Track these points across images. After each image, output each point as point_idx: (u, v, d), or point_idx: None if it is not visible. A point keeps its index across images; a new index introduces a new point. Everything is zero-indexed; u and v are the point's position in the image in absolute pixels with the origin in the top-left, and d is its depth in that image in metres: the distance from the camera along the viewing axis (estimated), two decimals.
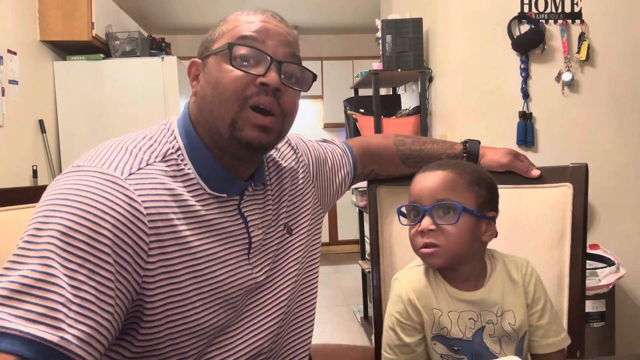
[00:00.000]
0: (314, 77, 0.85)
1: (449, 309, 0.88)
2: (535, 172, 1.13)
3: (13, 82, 2.75)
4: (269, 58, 0.78)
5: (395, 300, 0.90)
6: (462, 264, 0.88)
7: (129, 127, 0.82)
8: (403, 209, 0.91)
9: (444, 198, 0.86)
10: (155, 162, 0.76)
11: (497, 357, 0.85)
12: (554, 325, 0.90)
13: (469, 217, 0.86)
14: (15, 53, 2.78)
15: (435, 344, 0.88)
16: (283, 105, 0.79)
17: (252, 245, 0.85)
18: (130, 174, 0.72)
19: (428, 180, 0.88)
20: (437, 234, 0.85)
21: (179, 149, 0.79)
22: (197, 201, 0.78)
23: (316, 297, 0.99)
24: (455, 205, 0.85)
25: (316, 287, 0.99)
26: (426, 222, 0.85)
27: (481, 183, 0.89)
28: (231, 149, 0.79)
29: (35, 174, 2.95)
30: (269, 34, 0.79)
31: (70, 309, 0.61)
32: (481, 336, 0.87)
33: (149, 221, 0.70)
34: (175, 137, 0.81)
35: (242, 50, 0.78)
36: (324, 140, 1.13)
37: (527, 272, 0.91)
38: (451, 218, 0.85)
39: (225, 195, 0.81)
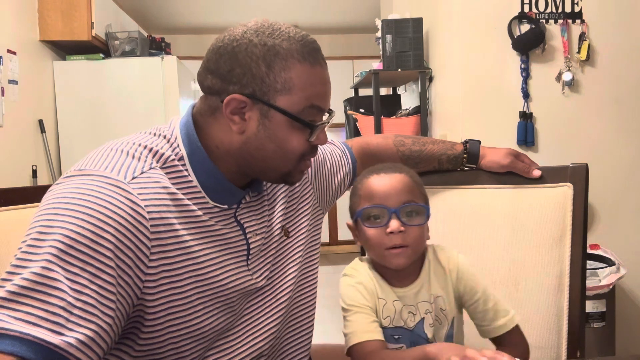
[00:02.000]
0: None
1: (393, 298, 0.90)
2: (536, 173, 1.13)
3: (13, 82, 2.75)
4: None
5: (348, 290, 0.90)
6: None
7: (129, 127, 0.82)
8: (367, 212, 0.89)
9: (410, 200, 0.88)
10: (157, 167, 0.76)
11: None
12: (501, 306, 0.92)
13: (425, 218, 0.90)
14: (15, 53, 2.78)
15: None
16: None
17: (251, 252, 0.85)
18: (133, 178, 0.71)
19: (390, 182, 0.89)
20: (405, 234, 0.86)
21: (182, 157, 0.79)
22: (198, 209, 0.78)
23: (315, 297, 0.99)
24: (424, 207, 0.89)
25: (315, 287, 0.99)
26: (396, 224, 0.86)
27: (422, 185, 0.94)
28: (259, 179, 0.86)
29: (35, 174, 2.95)
30: (330, 97, 0.84)
31: (71, 313, 0.61)
32: (422, 327, 0.90)
33: (151, 226, 0.70)
34: (178, 145, 0.80)
35: (324, 129, 0.83)
36: None
37: (453, 265, 0.93)
38: (418, 219, 0.89)
39: (226, 206, 0.82)
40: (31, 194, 1.01)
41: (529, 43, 2.23)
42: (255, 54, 0.75)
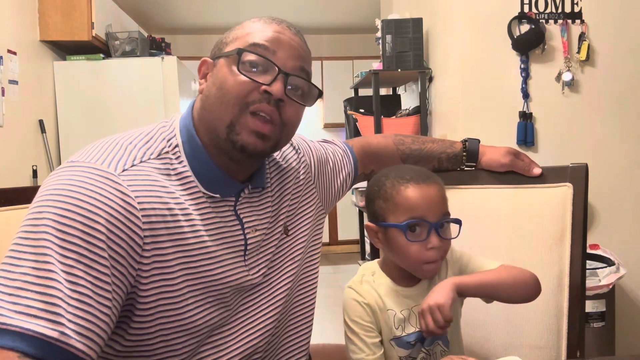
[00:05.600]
0: (320, 93, 0.85)
1: (400, 308, 0.91)
2: (537, 171, 1.13)
3: (13, 82, 2.75)
4: (276, 69, 0.78)
5: (351, 305, 0.91)
6: None
7: (129, 127, 0.82)
8: (410, 225, 0.88)
9: (446, 212, 0.89)
10: (150, 159, 0.76)
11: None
12: (486, 260, 0.96)
13: (458, 231, 0.91)
14: (15, 53, 2.78)
15: (394, 346, 0.91)
16: (284, 115, 0.79)
17: (248, 247, 0.85)
18: (123, 170, 0.72)
19: (429, 194, 0.88)
20: (440, 249, 0.87)
21: (176, 146, 0.80)
22: (192, 199, 0.78)
23: (315, 297, 0.99)
24: (458, 220, 0.90)
25: (315, 287, 0.99)
26: (436, 240, 0.86)
27: None
28: (226, 150, 0.80)
29: (35, 174, 2.95)
30: (281, 45, 0.80)
31: (68, 304, 0.62)
32: None
33: (142, 216, 0.71)
34: (175, 135, 0.81)
35: (250, 57, 0.78)
36: (325, 141, 1.13)
37: (455, 259, 0.96)
38: (452, 232, 0.90)
39: (218, 195, 0.81)
40: (31, 194, 1.00)
41: (528, 43, 2.23)
42: (230, 29, 0.84)
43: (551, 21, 2.27)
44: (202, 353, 0.80)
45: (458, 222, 0.90)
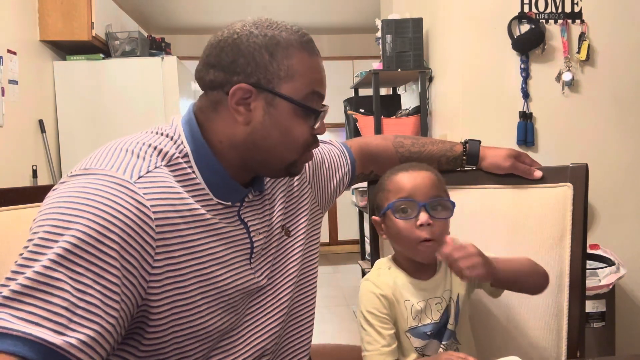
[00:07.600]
0: None
1: (417, 299, 0.94)
2: (538, 174, 1.13)
3: (13, 82, 2.75)
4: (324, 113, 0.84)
5: (369, 297, 0.94)
6: None
7: (129, 127, 0.82)
8: (398, 204, 0.95)
9: (437, 194, 0.94)
10: (162, 165, 0.76)
11: (451, 330, 0.94)
12: None
13: (451, 212, 0.96)
14: (15, 53, 2.78)
15: (409, 337, 0.93)
16: None
17: (254, 251, 0.85)
18: (139, 177, 0.71)
19: (418, 178, 0.94)
20: (433, 227, 0.91)
21: (186, 154, 0.79)
22: (202, 206, 0.78)
23: (315, 297, 0.99)
24: (450, 202, 0.95)
25: (315, 287, 0.99)
26: (425, 217, 0.91)
27: (444, 183, 1.00)
28: (262, 172, 0.86)
29: (35, 174, 2.95)
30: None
31: (74, 313, 0.61)
32: (447, 315, 0.95)
33: (156, 226, 0.70)
34: (182, 142, 0.80)
35: (323, 116, 0.83)
36: (322, 141, 1.13)
37: None
38: (444, 213, 0.94)
39: (229, 203, 0.82)
40: (31, 194, 1.01)
41: (528, 43, 2.23)
42: (258, 44, 0.77)
43: (551, 21, 2.27)
44: (213, 357, 0.81)
45: (449, 202, 0.95)
